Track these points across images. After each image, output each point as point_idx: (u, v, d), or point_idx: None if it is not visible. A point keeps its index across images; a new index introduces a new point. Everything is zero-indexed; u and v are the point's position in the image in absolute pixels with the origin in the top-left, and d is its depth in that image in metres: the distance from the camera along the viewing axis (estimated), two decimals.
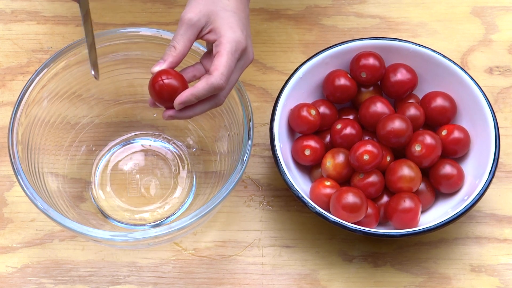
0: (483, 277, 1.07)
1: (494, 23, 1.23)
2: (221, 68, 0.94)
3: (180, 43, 0.96)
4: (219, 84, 0.94)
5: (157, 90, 0.95)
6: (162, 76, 0.95)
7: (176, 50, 0.96)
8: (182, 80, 0.96)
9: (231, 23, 0.96)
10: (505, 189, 1.12)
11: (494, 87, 1.19)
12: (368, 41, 1.12)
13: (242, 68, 0.97)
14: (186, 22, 0.95)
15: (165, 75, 0.95)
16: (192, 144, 1.14)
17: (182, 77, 0.96)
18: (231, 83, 0.96)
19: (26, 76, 1.19)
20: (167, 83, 0.95)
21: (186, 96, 0.94)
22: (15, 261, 1.08)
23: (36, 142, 1.05)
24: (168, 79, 0.95)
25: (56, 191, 1.06)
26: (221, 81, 0.94)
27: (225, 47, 0.94)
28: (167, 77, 0.95)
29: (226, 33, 0.95)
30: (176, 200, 1.11)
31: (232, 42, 0.95)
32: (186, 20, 0.95)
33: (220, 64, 0.94)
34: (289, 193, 1.10)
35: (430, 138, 1.07)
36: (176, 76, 0.95)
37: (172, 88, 0.95)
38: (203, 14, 0.96)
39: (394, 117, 1.07)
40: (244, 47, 0.96)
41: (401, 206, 1.04)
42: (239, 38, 0.95)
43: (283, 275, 1.07)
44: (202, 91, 0.94)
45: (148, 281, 1.07)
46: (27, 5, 1.23)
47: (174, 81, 0.95)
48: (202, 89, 0.94)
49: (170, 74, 0.95)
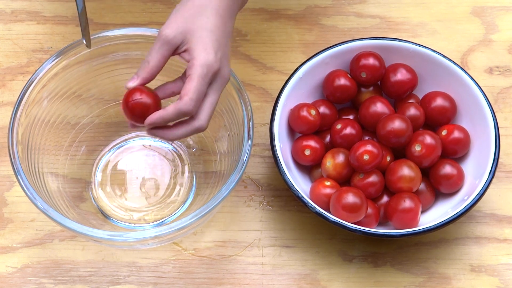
0: (483, 277, 1.07)
1: (494, 23, 1.23)
2: (190, 93, 0.94)
3: (154, 58, 0.96)
4: (187, 109, 0.94)
5: (130, 109, 0.96)
6: (134, 95, 0.96)
7: (149, 66, 0.96)
8: (155, 99, 0.97)
9: (206, 43, 0.95)
10: (505, 189, 1.12)
11: (494, 87, 1.19)
12: (368, 41, 1.12)
13: (218, 89, 0.97)
14: (162, 38, 0.96)
15: (138, 93, 0.96)
16: (192, 144, 1.14)
17: (155, 96, 0.97)
18: (210, 106, 0.96)
19: (26, 76, 1.19)
20: (139, 102, 0.96)
21: (155, 118, 0.95)
22: (15, 261, 1.08)
23: (36, 142, 1.05)
24: (140, 98, 0.96)
25: (56, 191, 1.06)
26: (190, 106, 0.94)
27: (196, 70, 0.94)
28: (140, 96, 0.96)
29: (199, 55, 0.95)
30: (176, 200, 1.11)
31: (203, 66, 0.95)
32: (162, 36, 0.96)
33: (190, 89, 0.94)
34: (289, 193, 1.10)
35: (430, 138, 1.07)
36: (149, 95, 0.96)
37: (144, 107, 0.96)
38: (180, 31, 0.96)
39: (394, 117, 1.07)
40: (216, 69, 0.96)
41: (401, 206, 1.04)
42: (211, 61, 0.95)
43: (283, 275, 1.07)
44: (171, 115, 0.95)
45: (148, 281, 1.07)
46: (27, 5, 1.23)
47: (146, 99, 0.96)
48: (171, 113, 0.94)
49: (143, 92, 0.96)
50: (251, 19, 1.22)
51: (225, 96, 1.06)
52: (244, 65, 1.20)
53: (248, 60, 1.20)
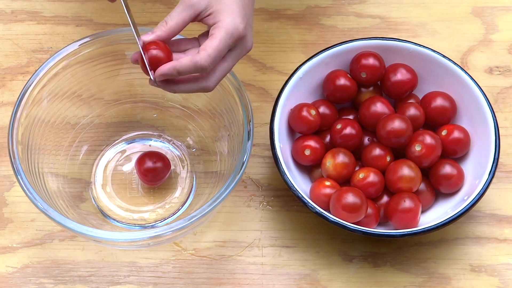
0: (483, 277, 1.07)
1: (494, 23, 1.23)
2: (210, 49, 0.92)
3: (174, 20, 0.94)
4: (202, 65, 0.92)
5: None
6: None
7: (167, 26, 0.94)
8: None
9: (232, 9, 0.94)
10: (505, 189, 1.12)
11: (494, 87, 1.19)
12: (368, 41, 1.12)
13: (237, 57, 0.96)
14: (185, 1, 0.94)
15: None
16: (192, 144, 1.14)
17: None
18: (223, 70, 0.95)
19: (26, 76, 1.19)
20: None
21: (167, 69, 0.92)
22: (15, 261, 1.08)
23: (36, 142, 1.05)
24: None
25: (56, 191, 1.06)
26: (206, 62, 0.92)
27: (220, 31, 0.93)
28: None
29: (225, 19, 0.93)
30: (176, 200, 1.11)
31: (229, 28, 0.93)
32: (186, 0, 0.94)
33: (210, 46, 0.92)
34: (289, 193, 1.10)
35: (430, 138, 1.07)
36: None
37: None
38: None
39: (394, 117, 1.07)
40: (241, 35, 0.94)
41: (401, 206, 1.04)
42: (237, 25, 0.93)
43: (283, 275, 1.07)
44: (185, 67, 0.92)
45: (148, 281, 1.07)
46: (27, 5, 1.24)
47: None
48: (185, 64, 0.92)
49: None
50: None
51: (225, 96, 1.06)
52: (244, 65, 1.20)
53: (248, 60, 1.20)
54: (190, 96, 1.11)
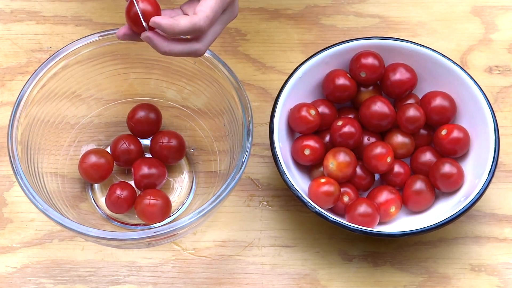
0: (482, 277, 1.07)
1: (493, 23, 1.23)
2: (208, 10, 0.91)
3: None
4: (201, 26, 0.91)
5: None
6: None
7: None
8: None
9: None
10: (505, 189, 1.12)
11: (494, 86, 1.19)
12: (367, 40, 1.12)
13: (226, 21, 0.95)
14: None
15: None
16: (192, 144, 1.14)
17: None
18: (214, 33, 0.94)
19: (25, 76, 1.19)
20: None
21: (165, 23, 0.90)
22: (15, 261, 1.08)
23: (36, 142, 1.05)
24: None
25: (56, 191, 1.06)
26: (204, 24, 0.91)
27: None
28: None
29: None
30: (176, 200, 1.11)
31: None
32: None
33: (208, 7, 0.91)
34: (289, 193, 1.10)
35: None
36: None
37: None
38: None
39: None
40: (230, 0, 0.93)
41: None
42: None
43: (282, 274, 1.07)
44: (182, 28, 0.91)
45: (148, 281, 1.07)
46: (27, 5, 1.23)
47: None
48: (182, 25, 0.91)
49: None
50: (251, 18, 1.22)
51: (224, 96, 1.06)
52: (244, 65, 1.20)
53: (247, 60, 1.20)
54: (190, 96, 1.11)
